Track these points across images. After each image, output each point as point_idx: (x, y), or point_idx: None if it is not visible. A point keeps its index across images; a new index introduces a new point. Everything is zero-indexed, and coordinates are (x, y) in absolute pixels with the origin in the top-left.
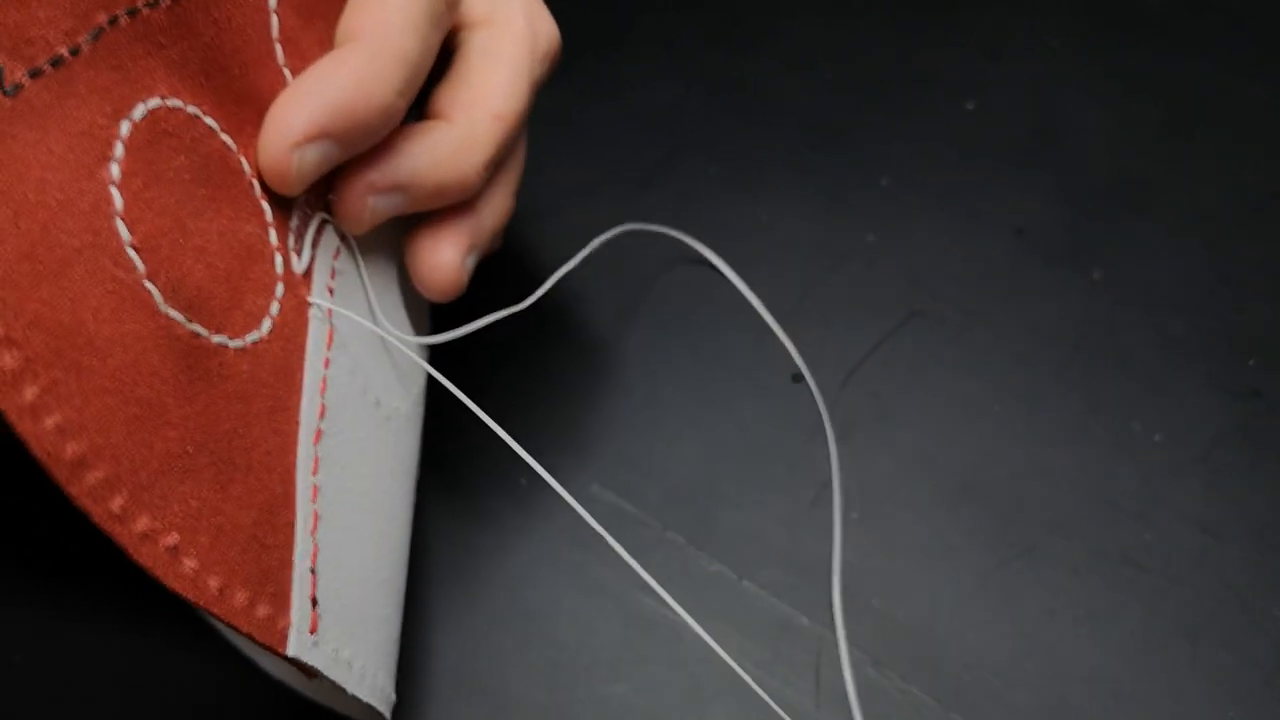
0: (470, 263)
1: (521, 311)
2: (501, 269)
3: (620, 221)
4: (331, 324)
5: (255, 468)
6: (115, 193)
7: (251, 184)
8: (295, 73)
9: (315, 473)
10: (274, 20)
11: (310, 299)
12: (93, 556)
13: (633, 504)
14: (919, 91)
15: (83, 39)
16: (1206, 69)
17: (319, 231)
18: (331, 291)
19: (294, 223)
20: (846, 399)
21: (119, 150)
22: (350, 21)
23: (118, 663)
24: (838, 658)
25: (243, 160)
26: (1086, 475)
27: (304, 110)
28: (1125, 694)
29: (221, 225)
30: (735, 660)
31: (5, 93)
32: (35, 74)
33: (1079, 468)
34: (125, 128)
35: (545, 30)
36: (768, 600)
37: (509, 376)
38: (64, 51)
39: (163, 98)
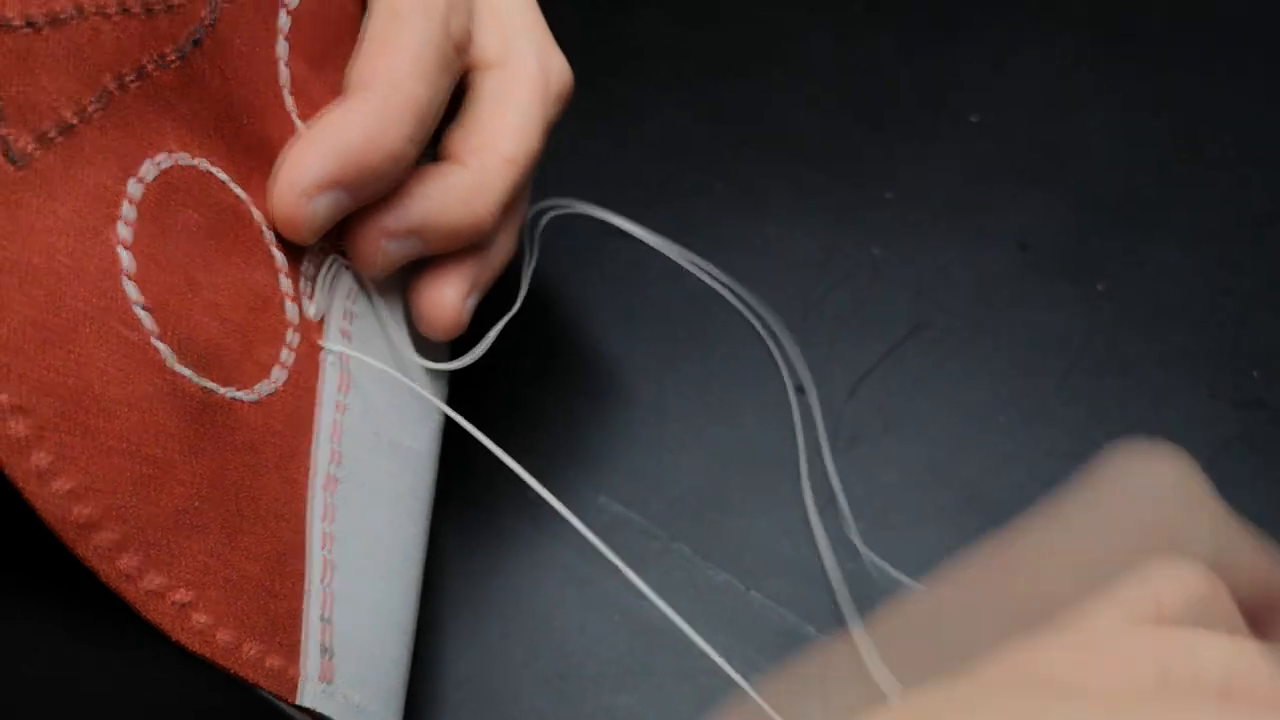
0: (471, 303)
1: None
2: (511, 289)
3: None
4: (345, 368)
5: (265, 517)
6: (124, 253)
7: (262, 232)
8: (306, 120)
9: (327, 520)
10: (283, 70)
11: (323, 344)
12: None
13: (639, 514)
14: (923, 106)
15: (91, 104)
16: (1210, 86)
17: (332, 274)
18: (346, 334)
19: (306, 267)
20: (853, 410)
21: (127, 210)
22: (361, 68)
23: (124, 676)
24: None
25: (253, 209)
26: None
27: (315, 159)
28: None
29: (233, 276)
30: (741, 670)
31: (13, 162)
32: (44, 142)
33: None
34: (134, 187)
35: (557, 70)
36: (775, 610)
37: (517, 388)
38: (72, 118)
39: (171, 153)
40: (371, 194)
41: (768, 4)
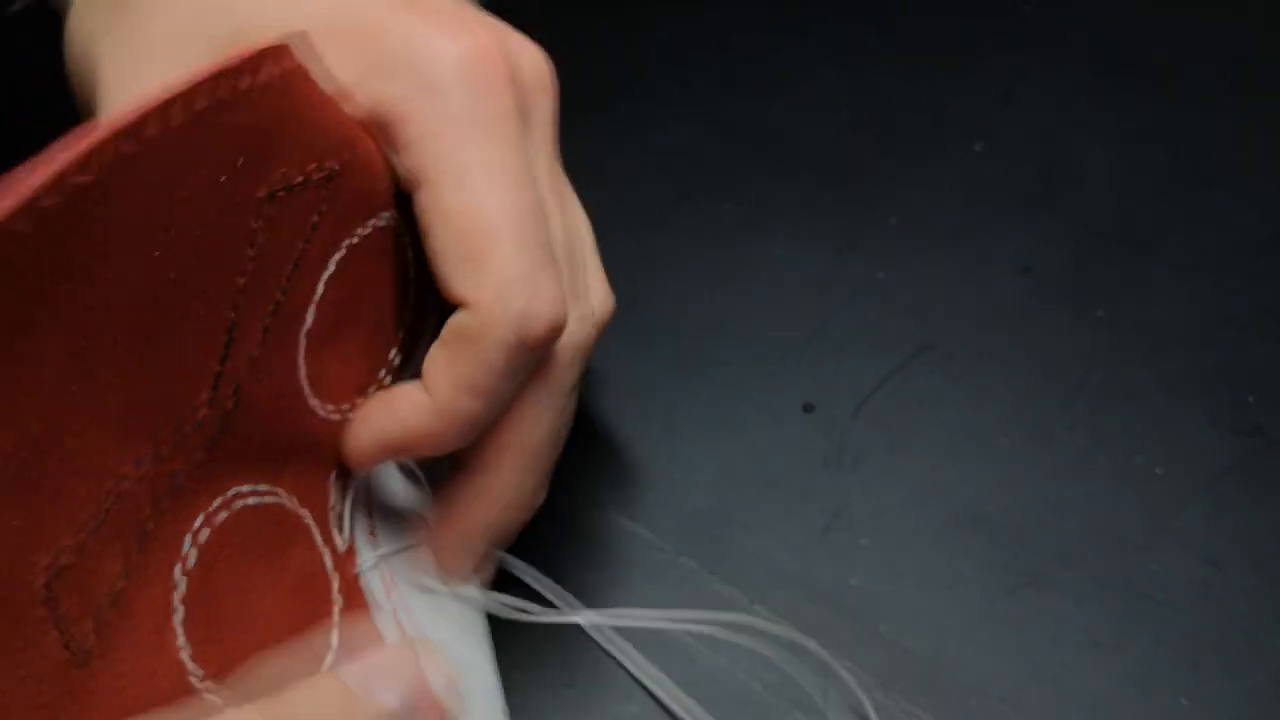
0: (483, 550)
1: None
2: None
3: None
4: (382, 573)
5: None
6: (192, 664)
7: (292, 511)
8: (323, 398)
9: None
10: (301, 368)
11: (358, 570)
12: None
13: (648, 529)
14: (929, 134)
15: (132, 556)
16: (1210, 116)
17: (349, 497)
18: (372, 536)
19: (331, 503)
20: (857, 429)
21: (179, 616)
22: (428, 375)
23: None
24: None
25: (280, 492)
26: (1091, 507)
27: (367, 449)
28: None
29: (281, 578)
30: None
31: (80, 666)
32: (99, 622)
33: (1084, 499)
34: (182, 585)
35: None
36: (778, 624)
37: None
38: (119, 581)
39: (201, 526)
40: None
41: (778, 32)
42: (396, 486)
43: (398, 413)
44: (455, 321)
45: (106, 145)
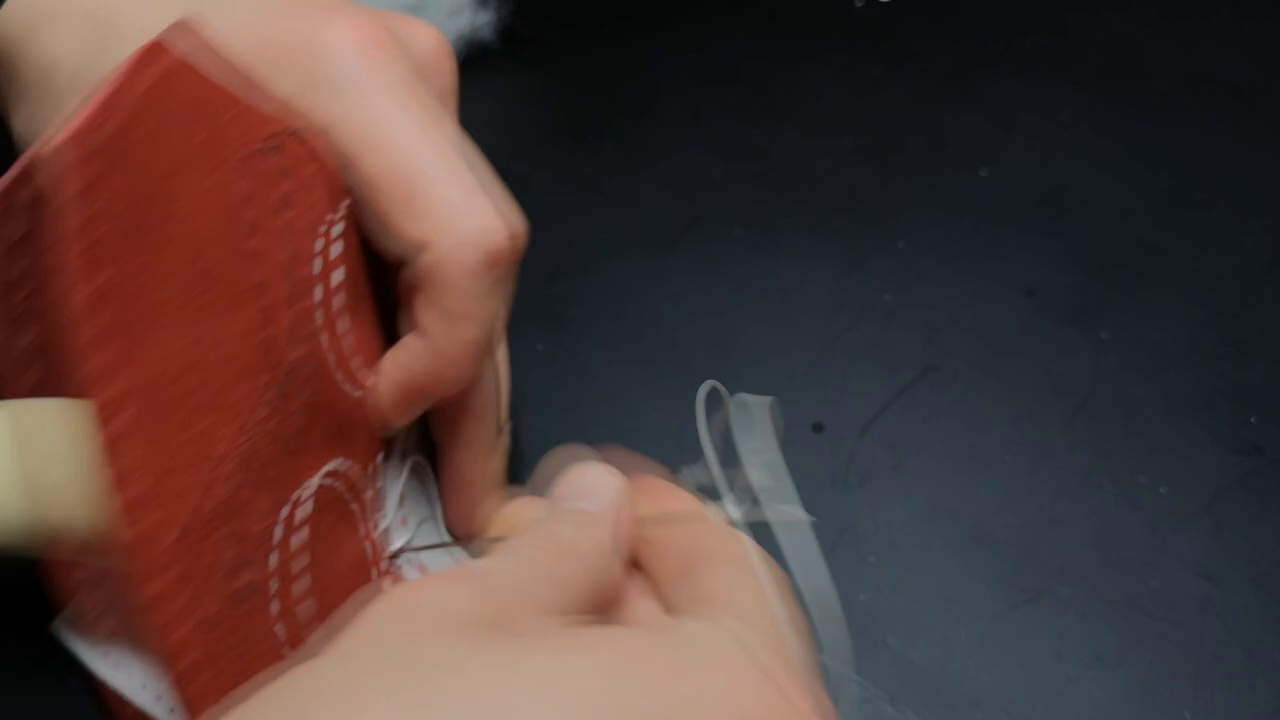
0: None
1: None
2: (537, 323)
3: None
4: (418, 557)
5: None
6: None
7: (342, 495)
8: (344, 375)
9: None
10: (323, 339)
11: (392, 554)
12: None
13: None
14: (934, 159)
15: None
16: (1210, 143)
17: (377, 479)
18: (404, 522)
19: (369, 494)
20: (865, 448)
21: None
22: (417, 316)
23: None
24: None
25: (338, 478)
26: (1094, 524)
27: (391, 404)
28: None
29: (350, 559)
30: None
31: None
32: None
33: (1087, 517)
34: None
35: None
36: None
37: (541, 426)
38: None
39: (299, 496)
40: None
41: (786, 60)
42: (415, 479)
43: (401, 362)
44: (420, 266)
45: (123, 89)
